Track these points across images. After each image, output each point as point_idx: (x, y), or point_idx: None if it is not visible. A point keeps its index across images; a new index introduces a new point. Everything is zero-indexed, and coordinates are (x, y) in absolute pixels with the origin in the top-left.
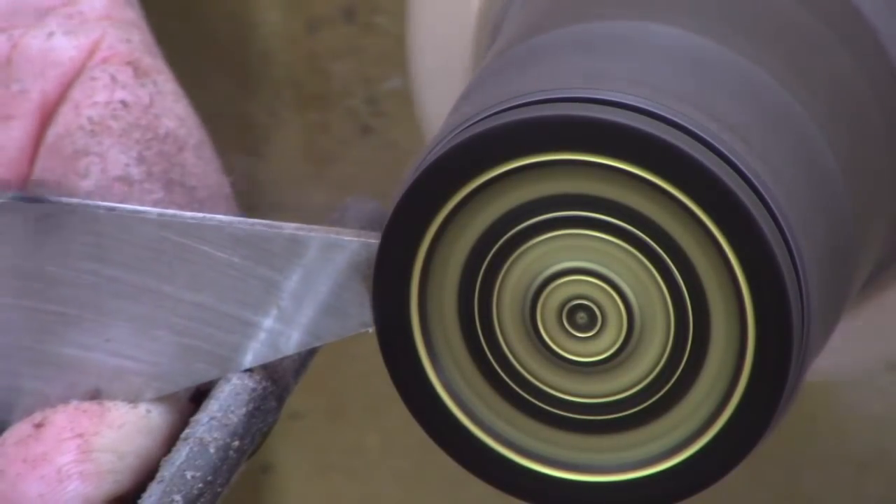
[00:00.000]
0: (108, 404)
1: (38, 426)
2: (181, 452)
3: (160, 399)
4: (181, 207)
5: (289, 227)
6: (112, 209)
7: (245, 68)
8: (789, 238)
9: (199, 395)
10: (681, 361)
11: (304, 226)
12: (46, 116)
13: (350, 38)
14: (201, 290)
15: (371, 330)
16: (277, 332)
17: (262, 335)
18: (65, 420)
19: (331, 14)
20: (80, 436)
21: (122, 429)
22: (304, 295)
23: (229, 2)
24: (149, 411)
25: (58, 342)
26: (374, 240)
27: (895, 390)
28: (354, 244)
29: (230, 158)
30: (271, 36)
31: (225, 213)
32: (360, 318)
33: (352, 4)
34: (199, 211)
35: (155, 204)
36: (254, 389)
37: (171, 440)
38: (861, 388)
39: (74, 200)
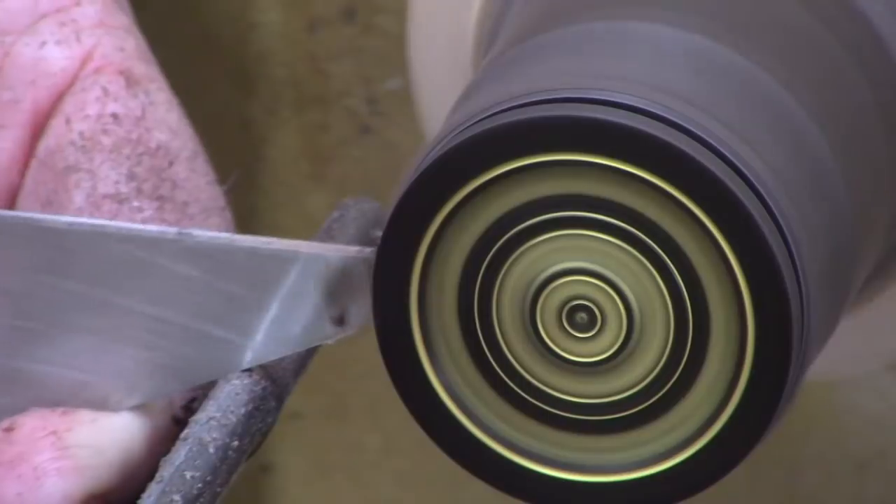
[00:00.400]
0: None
1: (9, 430)
2: (180, 452)
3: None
4: (171, 224)
5: (247, 241)
6: (72, 224)
7: (245, 68)
8: (789, 238)
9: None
10: (681, 361)
11: (263, 238)
12: (38, 126)
13: (350, 38)
14: (161, 304)
15: (331, 341)
16: (237, 345)
17: (222, 348)
18: (36, 420)
19: (331, 14)
20: (54, 433)
21: (96, 423)
22: (264, 308)
23: (229, 2)
24: (117, 409)
25: (21, 357)
26: (332, 253)
27: (895, 390)
28: (312, 257)
29: (230, 159)
30: (271, 36)
31: (218, 226)
32: (320, 330)
33: (352, 4)
34: (191, 225)
35: (144, 222)
36: (253, 389)
37: (154, 440)
38: (861, 388)
39: (34, 215)
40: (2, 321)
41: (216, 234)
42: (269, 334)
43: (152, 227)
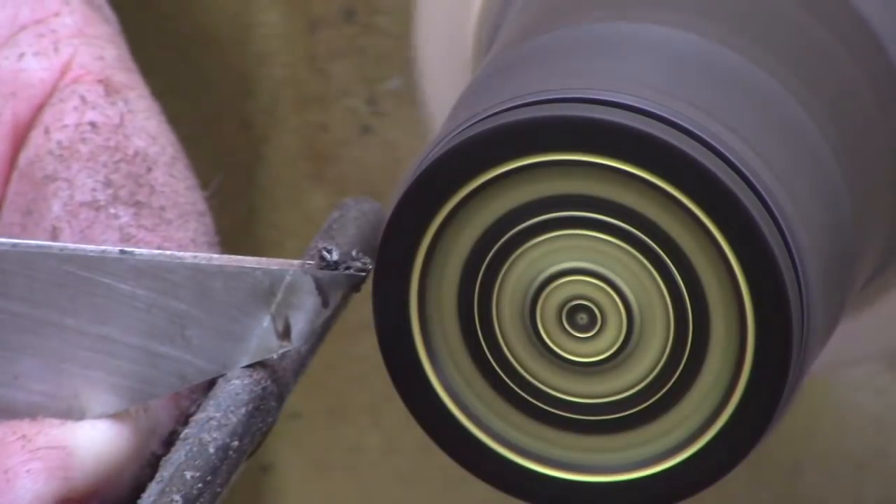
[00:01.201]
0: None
1: None
2: (180, 452)
3: None
4: (148, 231)
5: (189, 257)
6: (15, 245)
7: (245, 68)
8: (789, 238)
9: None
10: (681, 361)
11: (206, 255)
12: (19, 139)
13: (350, 38)
14: (106, 323)
15: (276, 356)
16: (184, 361)
17: (169, 365)
18: (5, 427)
19: (331, 14)
20: (23, 437)
21: (64, 426)
22: (210, 324)
23: (229, 2)
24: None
25: None
26: (276, 267)
27: (895, 390)
28: (256, 272)
29: (230, 159)
30: (271, 36)
31: (196, 231)
32: (265, 344)
33: (352, 4)
34: (168, 232)
35: (121, 228)
36: (253, 389)
37: (132, 439)
38: (861, 388)
39: None
40: None
41: (159, 251)
42: (215, 350)
43: (94, 247)
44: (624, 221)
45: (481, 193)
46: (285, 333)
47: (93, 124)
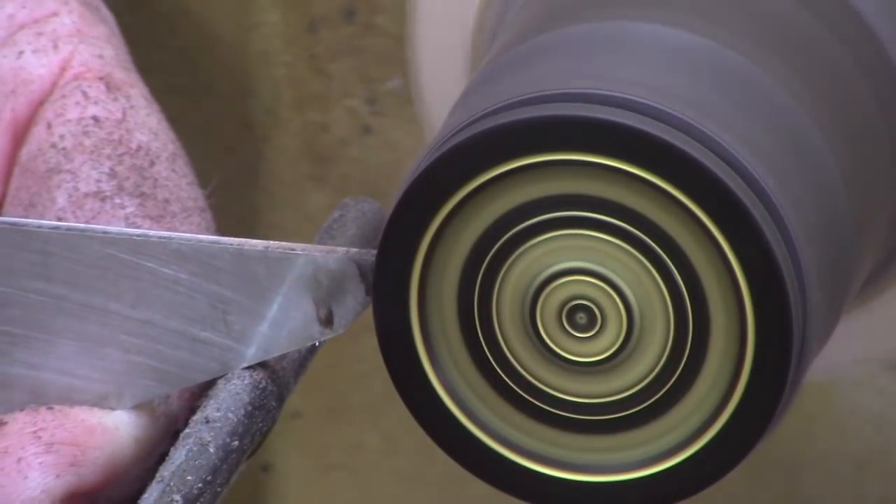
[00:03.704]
0: (72, 405)
1: (0, 425)
2: (181, 452)
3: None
4: (153, 221)
5: (234, 243)
6: (56, 227)
7: (245, 68)
8: (788, 238)
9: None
10: (680, 361)
11: (250, 241)
12: (19, 135)
13: (350, 38)
14: (148, 308)
15: (318, 343)
16: (225, 347)
17: (210, 351)
18: (26, 417)
19: (331, 14)
20: (42, 429)
21: (85, 423)
22: (252, 310)
23: (229, 2)
24: (112, 409)
25: (5, 362)
26: (319, 253)
27: (895, 390)
28: (300, 258)
29: (230, 159)
30: (271, 36)
31: (199, 226)
32: (308, 331)
33: (352, 4)
34: (172, 224)
35: (127, 218)
36: (253, 389)
37: (143, 441)
38: (861, 388)
39: (17, 220)
40: None
41: (203, 236)
42: (256, 336)
43: (137, 230)
44: (624, 221)
45: (481, 193)
46: (328, 321)
47: (95, 119)
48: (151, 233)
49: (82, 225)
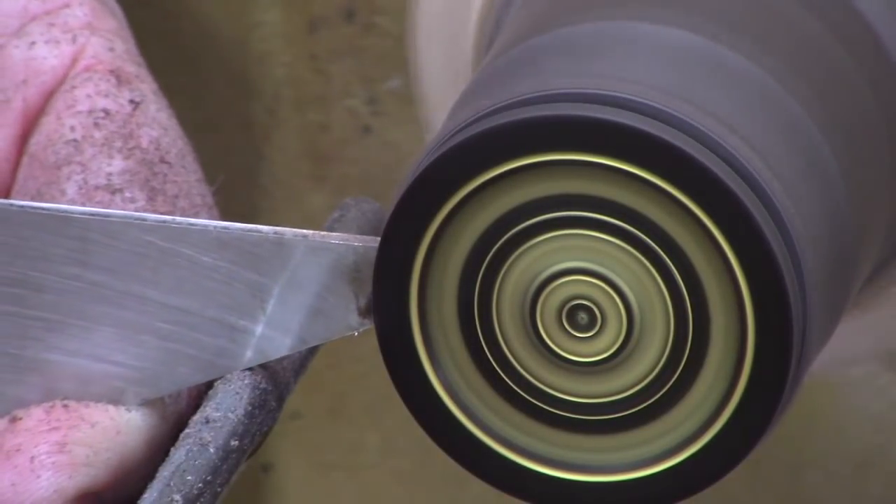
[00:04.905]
0: (88, 403)
1: (14, 420)
2: (181, 452)
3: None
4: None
5: (274, 231)
6: (95, 214)
7: (245, 68)
8: (789, 238)
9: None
10: (680, 361)
11: (290, 229)
12: (29, 125)
13: (350, 38)
14: (186, 295)
15: (357, 333)
16: (263, 335)
17: (248, 339)
18: (41, 414)
19: (331, 14)
20: (56, 429)
21: (99, 424)
22: (290, 298)
23: (229, 2)
24: (129, 410)
25: (41, 348)
26: (359, 243)
27: (895, 390)
28: (340, 247)
29: (230, 159)
30: (271, 36)
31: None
32: (346, 321)
33: (352, 4)
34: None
35: (137, 212)
36: (254, 389)
37: (153, 442)
38: (861, 388)
39: (56, 206)
40: (22, 312)
41: (242, 224)
42: (294, 324)
43: (179, 218)
44: (624, 221)
45: (481, 193)
46: (367, 311)
47: (106, 112)
48: (191, 220)
49: (121, 211)
